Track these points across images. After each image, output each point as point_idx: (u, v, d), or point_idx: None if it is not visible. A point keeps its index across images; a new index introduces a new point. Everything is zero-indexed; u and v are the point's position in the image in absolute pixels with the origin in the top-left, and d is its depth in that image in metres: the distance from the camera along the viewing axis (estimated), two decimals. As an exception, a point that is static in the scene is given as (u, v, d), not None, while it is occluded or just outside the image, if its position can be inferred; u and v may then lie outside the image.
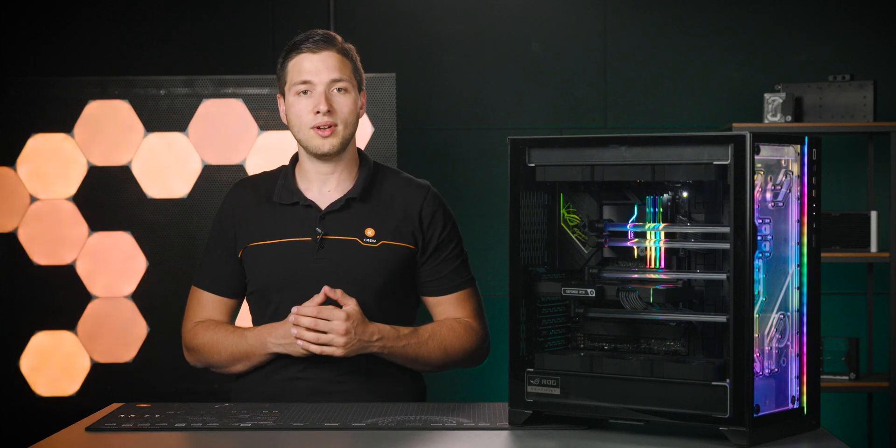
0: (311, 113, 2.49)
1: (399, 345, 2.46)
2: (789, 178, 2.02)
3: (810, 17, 4.68)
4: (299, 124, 2.51)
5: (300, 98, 2.51)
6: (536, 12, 4.72)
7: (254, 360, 2.50)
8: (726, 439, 1.92)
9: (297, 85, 2.50)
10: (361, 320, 2.40)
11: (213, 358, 2.55)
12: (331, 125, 2.49)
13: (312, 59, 2.50)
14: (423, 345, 2.49)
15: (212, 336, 2.53)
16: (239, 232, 2.56)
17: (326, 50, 2.50)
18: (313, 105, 2.49)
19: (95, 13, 4.65)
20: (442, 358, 2.52)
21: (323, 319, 2.37)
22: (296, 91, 2.51)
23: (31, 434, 2.63)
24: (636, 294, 2.04)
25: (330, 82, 2.49)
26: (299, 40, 2.53)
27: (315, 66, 2.49)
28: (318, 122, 2.48)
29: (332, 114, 2.49)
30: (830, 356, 4.31)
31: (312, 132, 2.49)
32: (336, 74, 2.50)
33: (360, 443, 2.02)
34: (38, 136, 4.07)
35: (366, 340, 2.41)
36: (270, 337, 2.46)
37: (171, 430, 2.11)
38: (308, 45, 2.50)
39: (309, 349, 2.39)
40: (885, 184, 4.41)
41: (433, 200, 2.59)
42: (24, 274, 4.06)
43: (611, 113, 4.71)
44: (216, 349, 2.53)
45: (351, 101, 2.51)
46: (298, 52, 2.51)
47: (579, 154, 2.08)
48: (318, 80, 2.49)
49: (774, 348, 2.01)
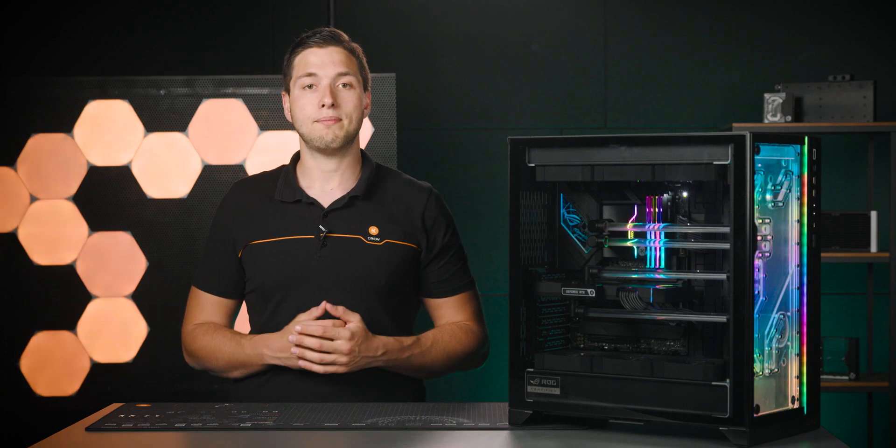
0: (315, 106, 2.49)
1: (403, 356, 2.45)
2: (789, 178, 2.02)
3: (810, 17, 4.68)
4: (303, 118, 2.51)
5: (305, 92, 2.51)
6: (536, 12, 4.72)
7: (251, 368, 2.50)
8: (726, 439, 1.92)
9: (303, 78, 2.50)
10: (365, 337, 2.39)
11: (210, 363, 2.55)
12: (336, 119, 2.49)
13: (319, 53, 2.51)
14: (426, 354, 2.49)
15: (209, 341, 2.53)
16: (239, 231, 2.56)
17: (333, 45, 2.52)
18: (318, 98, 2.49)
19: (95, 13, 4.65)
20: (445, 364, 2.52)
21: (327, 339, 2.37)
22: (301, 85, 2.51)
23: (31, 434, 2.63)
24: (636, 294, 2.04)
25: (335, 76, 2.50)
26: (306, 36, 2.54)
27: (321, 60, 2.50)
28: (323, 115, 2.48)
29: (336, 108, 2.49)
30: (830, 356, 4.31)
31: (316, 124, 2.49)
32: (342, 68, 2.50)
33: (360, 443, 2.02)
34: (38, 136, 4.07)
35: (370, 357, 2.40)
36: (266, 349, 2.44)
37: (171, 430, 2.11)
38: (315, 40, 2.51)
39: (312, 369, 2.38)
40: (885, 184, 4.41)
41: (435, 203, 2.59)
42: (24, 274, 4.06)
43: (611, 113, 4.71)
44: (213, 355, 2.53)
45: (356, 97, 2.52)
46: (305, 46, 2.52)
47: (579, 154, 2.08)
48: (324, 73, 2.50)
49: (774, 348, 2.01)
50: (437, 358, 2.50)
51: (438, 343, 2.50)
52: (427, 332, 2.53)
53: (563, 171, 2.09)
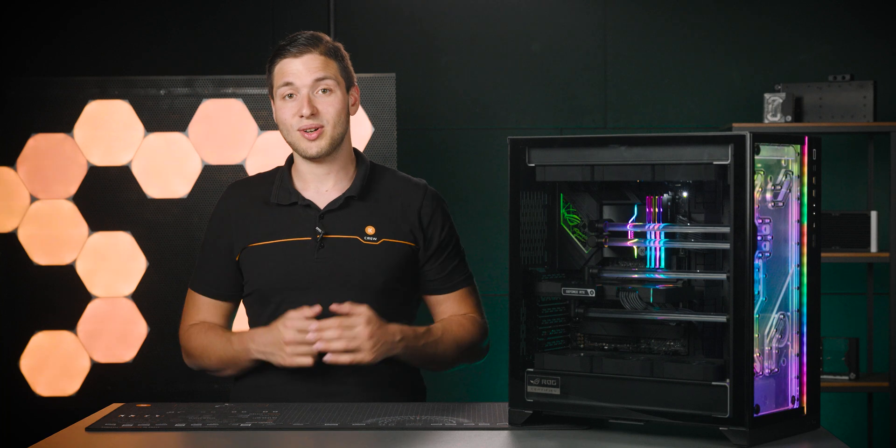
0: (295, 116, 2.49)
1: (419, 344, 2.45)
2: (789, 178, 2.02)
3: (810, 17, 4.68)
4: (286, 128, 2.51)
5: (285, 102, 2.51)
6: (536, 12, 4.72)
7: (240, 365, 2.49)
8: (726, 439, 1.92)
9: (281, 88, 2.50)
10: (380, 323, 2.40)
11: (204, 362, 2.55)
12: (316, 128, 2.49)
13: (294, 62, 2.50)
14: (438, 342, 2.49)
15: (202, 340, 2.53)
16: (236, 234, 2.56)
17: (308, 53, 2.50)
18: (297, 108, 2.49)
19: (95, 13, 4.65)
20: (455, 354, 2.53)
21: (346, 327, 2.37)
22: (280, 95, 2.51)
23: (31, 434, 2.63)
24: (636, 294, 2.04)
25: (313, 83, 2.49)
26: (283, 44, 2.52)
27: (297, 69, 2.49)
28: (303, 125, 2.48)
29: (316, 116, 2.49)
30: (830, 356, 4.31)
31: (299, 135, 2.49)
32: (318, 74, 2.49)
33: (360, 443, 2.02)
34: (38, 136, 4.07)
35: (390, 342, 2.40)
36: (253, 343, 2.44)
37: (171, 430, 2.11)
38: (290, 49, 2.50)
39: (339, 361, 2.37)
40: (885, 184, 4.41)
41: (431, 199, 2.59)
42: (24, 274, 4.06)
43: (611, 113, 4.71)
44: (206, 354, 2.53)
45: (337, 101, 2.51)
46: (282, 56, 2.51)
47: (579, 154, 2.08)
48: (301, 82, 2.49)
49: (774, 348, 2.01)
50: (448, 347, 2.51)
51: (448, 333, 2.51)
52: (435, 323, 2.54)
53: (563, 171, 2.09)
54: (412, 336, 2.44)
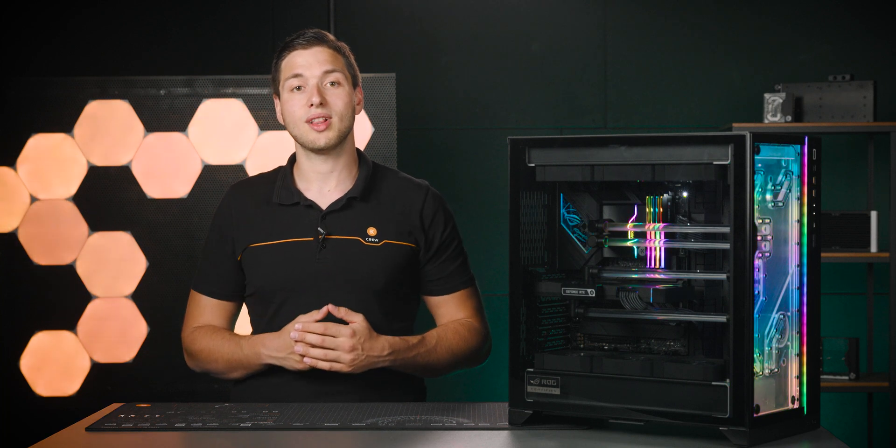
0: (304, 107, 2.49)
1: (409, 356, 2.45)
2: (789, 178, 2.02)
3: (810, 17, 4.68)
4: (294, 120, 2.51)
5: (294, 94, 2.51)
6: (536, 12, 4.72)
7: (250, 369, 2.50)
8: (726, 439, 1.92)
9: (291, 80, 2.51)
10: (369, 336, 2.39)
11: (210, 365, 2.55)
12: (325, 118, 2.49)
13: (304, 54, 2.51)
14: (431, 352, 2.48)
15: (209, 343, 2.53)
16: (238, 234, 2.56)
17: (317, 45, 2.52)
18: (307, 99, 2.49)
19: (95, 13, 4.65)
20: (450, 362, 2.52)
21: (329, 336, 2.37)
22: (289, 87, 2.51)
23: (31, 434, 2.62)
24: (636, 294, 2.04)
25: (322, 75, 2.50)
26: (291, 39, 2.54)
27: (306, 61, 2.50)
28: (312, 114, 2.48)
29: (325, 106, 2.49)
30: (830, 356, 4.31)
31: (307, 126, 2.49)
32: (328, 66, 2.50)
33: (360, 443, 2.02)
34: (38, 136, 4.07)
35: (374, 356, 2.40)
36: (264, 348, 2.45)
37: (171, 430, 2.11)
38: (299, 42, 2.52)
39: (316, 366, 2.38)
40: (885, 184, 4.41)
41: (433, 200, 2.59)
42: (24, 274, 4.06)
43: (611, 113, 4.71)
44: (213, 357, 2.53)
45: (345, 94, 2.52)
46: (290, 49, 2.52)
47: (579, 154, 2.08)
48: (311, 73, 2.50)
49: (774, 348, 2.01)
50: (442, 356, 2.50)
51: (443, 342, 2.50)
52: (431, 330, 2.53)
53: (563, 171, 2.09)
54: (403, 348, 2.44)
